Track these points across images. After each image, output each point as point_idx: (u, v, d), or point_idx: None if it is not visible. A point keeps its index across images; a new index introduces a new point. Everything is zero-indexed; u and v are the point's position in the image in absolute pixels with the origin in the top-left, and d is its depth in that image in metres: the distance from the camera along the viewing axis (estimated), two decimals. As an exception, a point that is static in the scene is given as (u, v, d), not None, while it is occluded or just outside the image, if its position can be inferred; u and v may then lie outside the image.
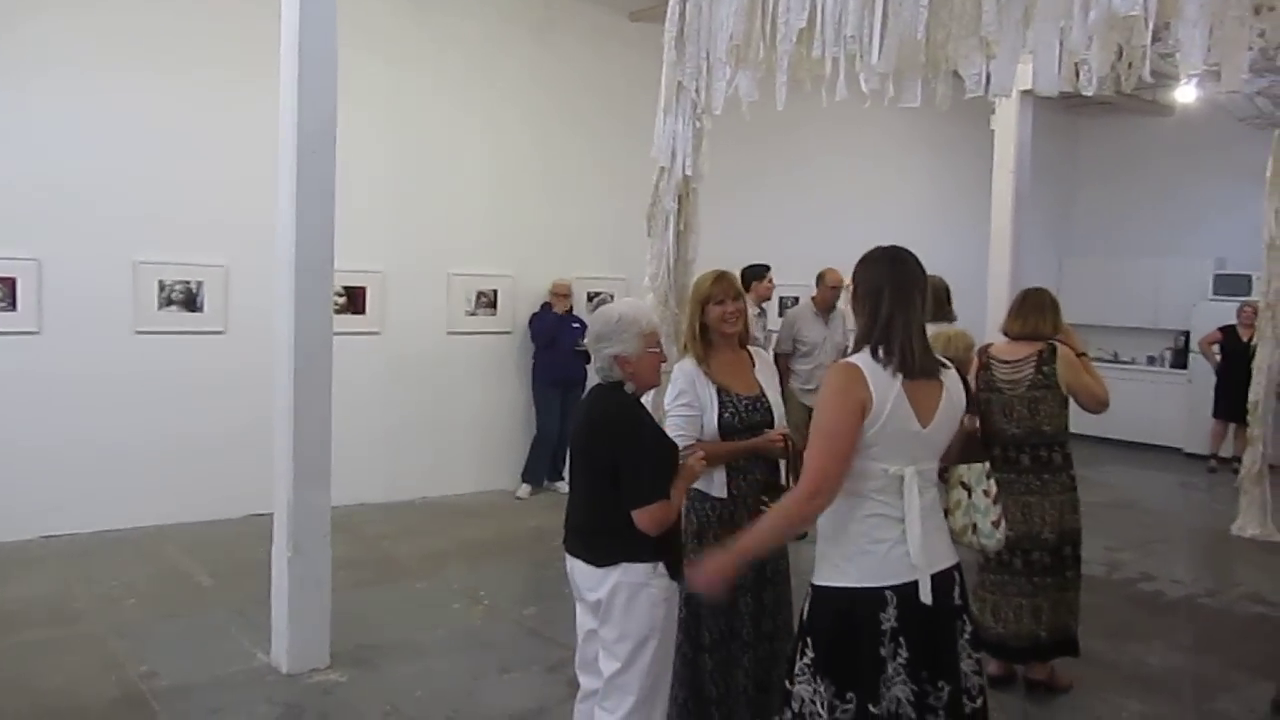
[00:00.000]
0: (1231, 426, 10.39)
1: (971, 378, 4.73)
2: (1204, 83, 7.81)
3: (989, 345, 4.89)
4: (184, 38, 7.11)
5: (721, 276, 3.72)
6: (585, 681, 3.36)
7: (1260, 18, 3.42)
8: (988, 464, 3.00)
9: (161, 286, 7.15)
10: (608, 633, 3.14)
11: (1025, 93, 7.75)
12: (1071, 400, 4.62)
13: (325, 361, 4.76)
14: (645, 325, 3.18)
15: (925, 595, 2.61)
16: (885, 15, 3.79)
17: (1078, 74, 3.81)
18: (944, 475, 2.98)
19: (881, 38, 3.79)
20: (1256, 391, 8.12)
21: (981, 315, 8.05)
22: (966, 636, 2.75)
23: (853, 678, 2.61)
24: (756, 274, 7.84)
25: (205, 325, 7.32)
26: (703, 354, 3.63)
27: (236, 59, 7.07)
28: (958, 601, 2.74)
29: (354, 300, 7.95)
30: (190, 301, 7.28)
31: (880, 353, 2.65)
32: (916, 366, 2.64)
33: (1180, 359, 12.18)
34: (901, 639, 2.60)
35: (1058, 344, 4.62)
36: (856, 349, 2.71)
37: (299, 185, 4.64)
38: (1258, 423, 8.08)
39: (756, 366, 3.78)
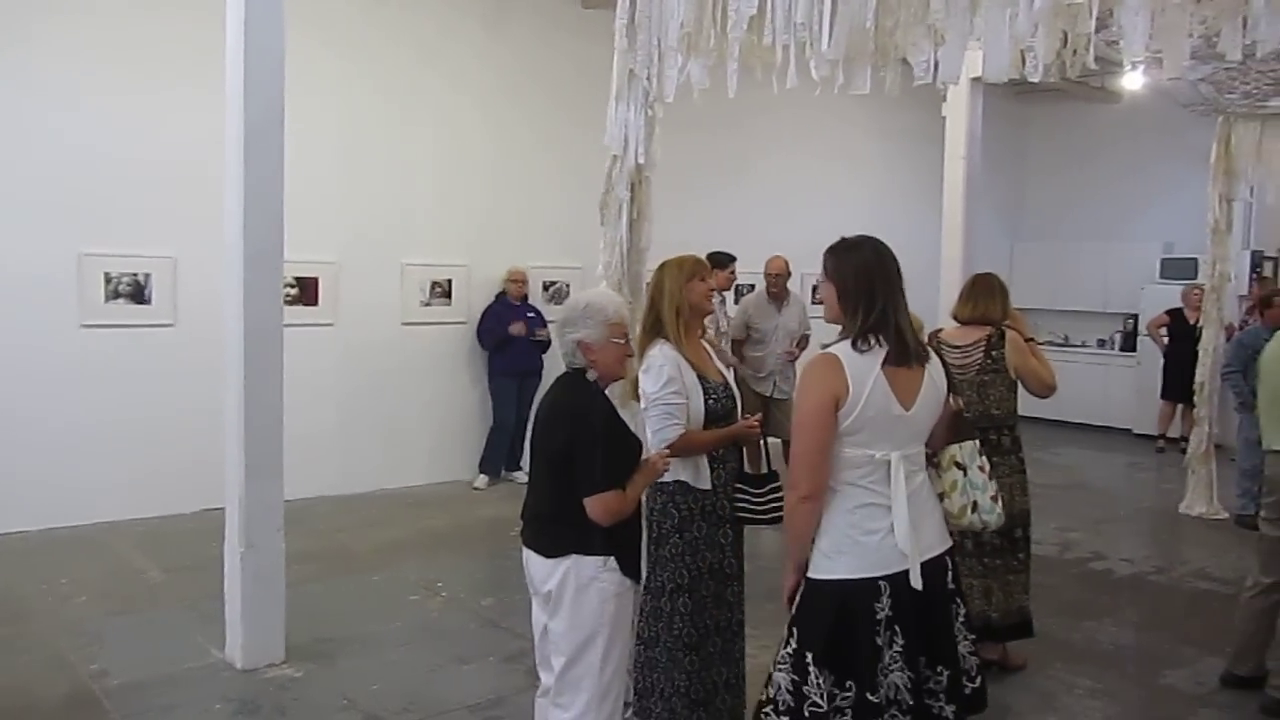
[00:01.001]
0: (1179, 407, 10.60)
1: None
2: (1149, 70, 7.92)
3: (939, 330, 4.94)
4: (130, 24, 6.98)
5: (699, 259, 3.77)
6: (545, 677, 3.33)
7: (1201, 5, 3.48)
8: (978, 441, 3.05)
9: (108, 279, 7.03)
10: (556, 625, 3.12)
11: (975, 80, 7.81)
12: (1020, 385, 4.68)
13: (276, 354, 4.71)
14: (612, 314, 3.18)
15: (916, 581, 2.65)
16: (835, 2, 3.80)
17: (1024, 61, 3.84)
18: (934, 460, 3.00)
19: (831, 25, 3.80)
20: (1203, 373, 8.28)
21: (934, 300, 8.12)
22: (961, 619, 2.82)
23: (850, 667, 2.63)
24: (719, 262, 7.85)
25: (154, 318, 7.20)
26: (683, 338, 3.62)
27: (184, 45, 6.94)
28: (951, 585, 2.80)
29: (306, 291, 7.85)
30: (138, 294, 7.16)
31: (863, 342, 2.68)
32: (912, 353, 2.71)
33: (1129, 342, 12.39)
34: (896, 627, 2.64)
35: (1006, 329, 4.68)
36: (844, 338, 2.74)
37: (246, 175, 4.58)
38: (1204, 404, 8.25)
39: (713, 354, 3.80)
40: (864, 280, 2.73)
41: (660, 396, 3.49)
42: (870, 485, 2.69)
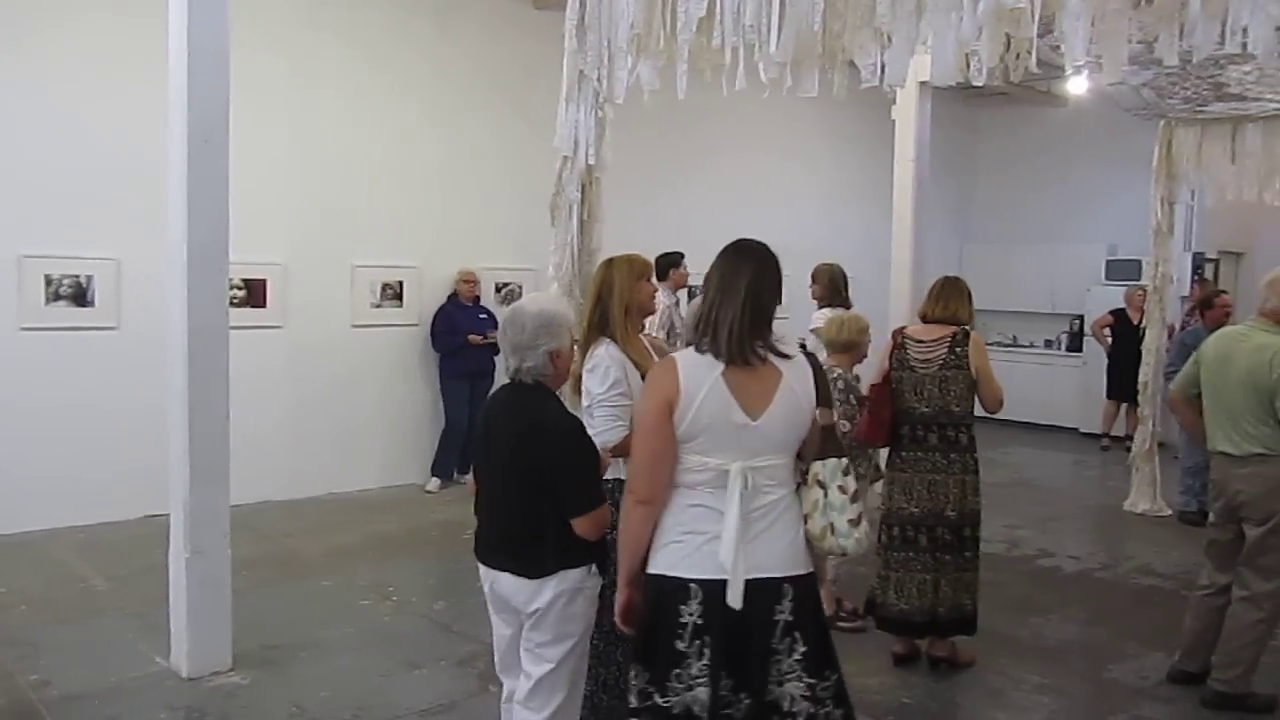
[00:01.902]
0: (1123, 406, 10.78)
1: (885, 357, 4.87)
2: (1093, 74, 8.08)
3: (904, 327, 5.01)
4: (71, 20, 6.84)
5: (645, 259, 3.79)
6: (510, 683, 3.31)
7: (1139, 11, 3.55)
8: (845, 460, 2.79)
9: (49, 281, 6.87)
10: (540, 636, 3.08)
11: (924, 84, 7.90)
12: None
13: (221, 356, 4.63)
14: (572, 321, 3.21)
15: (733, 599, 2.52)
16: (783, 5, 3.83)
17: (968, 65, 3.90)
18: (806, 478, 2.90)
19: (779, 28, 3.84)
20: (1146, 372, 8.43)
21: (884, 302, 8.20)
22: (798, 656, 2.59)
23: (651, 665, 2.61)
24: (672, 261, 7.86)
25: (96, 321, 7.06)
26: (628, 336, 3.64)
27: (128, 42, 6.82)
28: (788, 617, 2.59)
29: (254, 293, 7.74)
30: (80, 296, 7.01)
31: (704, 342, 2.62)
32: (733, 353, 2.58)
33: (1075, 342, 12.59)
34: (706, 638, 2.55)
35: (970, 329, 4.77)
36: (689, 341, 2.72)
37: (190, 175, 4.50)
38: (1147, 402, 8.39)
39: (652, 351, 3.81)
40: (706, 280, 2.71)
41: (606, 398, 3.51)
42: (708, 491, 2.59)
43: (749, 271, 2.66)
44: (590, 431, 3.47)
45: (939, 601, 4.74)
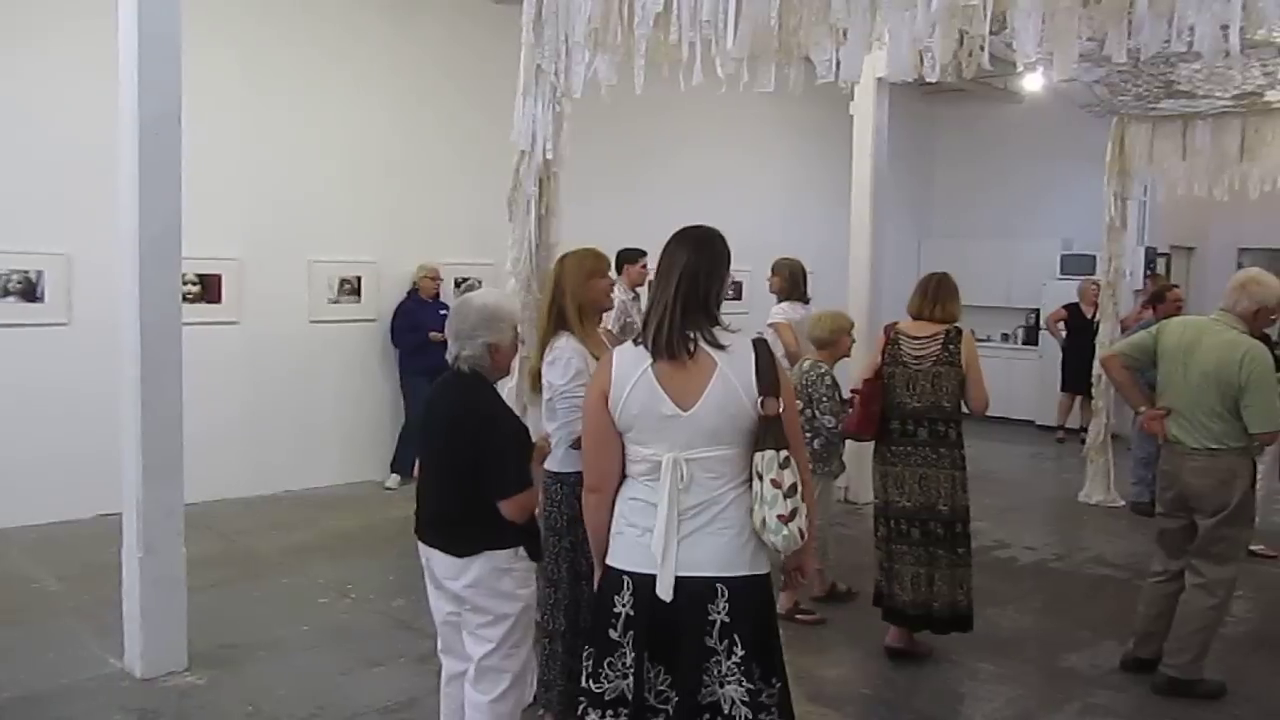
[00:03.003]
0: (1078, 399, 10.93)
1: (878, 352, 4.94)
2: (1046, 71, 8.18)
3: (897, 322, 5.06)
4: (19, 11, 6.71)
5: (600, 253, 3.80)
6: (450, 664, 3.43)
7: (1089, 9, 3.60)
8: (783, 452, 2.58)
9: (-4, 277, 6.76)
10: (475, 618, 3.21)
11: (881, 79, 7.95)
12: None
13: (174, 352, 4.57)
14: (516, 316, 3.32)
15: (662, 590, 2.53)
16: (739, 1, 3.85)
17: (922, 61, 3.94)
18: None
19: (736, 23, 3.85)
20: (1099, 366, 8.54)
21: (843, 297, 8.24)
22: (736, 659, 2.53)
23: (594, 650, 2.67)
24: (630, 257, 7.84)
25: (47, 317, 6.94)
26: (584, 331, 3.66)
27: (77, 32, 6.70)
28: (724, 618, 2.54)
29: (208, 288, 7.65)
30: (30, 292, 6.89)
31: (640, 335, 2.66)
32: (659, 347, 2.57)
33: (1032, 336, 12.74)
34: (633, 631, 2.58)
35: (961, 327, 4.83)
36: None
37: (141, 169, 4.44)
38: (1101, 395, 8.51)
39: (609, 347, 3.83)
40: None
41: (568, 390, 3.55)
42: (648, 483, 2.60)
43: (683, 257, 2.64)
44: (553, 424, 3.62)
45: (933, 596, 4.79)
